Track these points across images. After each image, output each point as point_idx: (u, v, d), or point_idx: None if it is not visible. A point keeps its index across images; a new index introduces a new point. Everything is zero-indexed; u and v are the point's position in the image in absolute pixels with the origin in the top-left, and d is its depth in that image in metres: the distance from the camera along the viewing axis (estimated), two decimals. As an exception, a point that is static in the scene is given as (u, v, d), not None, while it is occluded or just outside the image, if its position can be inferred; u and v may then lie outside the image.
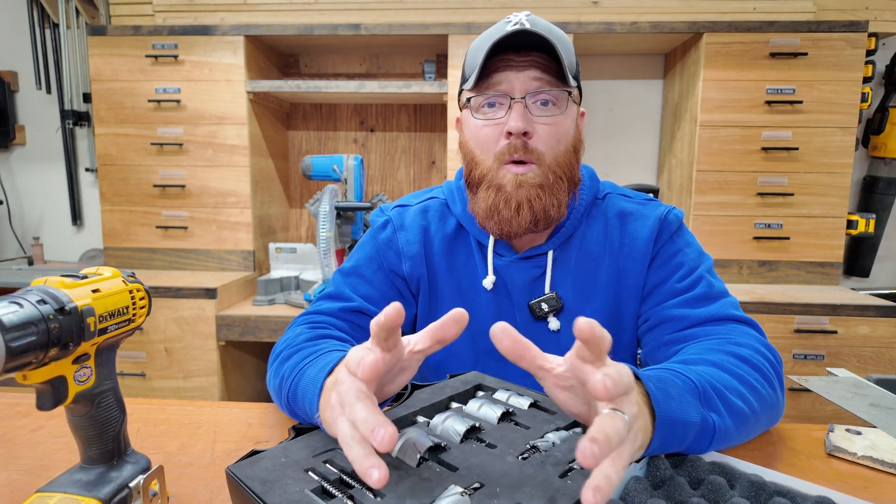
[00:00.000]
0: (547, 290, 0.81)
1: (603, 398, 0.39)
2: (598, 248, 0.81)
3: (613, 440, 0.37)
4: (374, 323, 0.44)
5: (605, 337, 0.40)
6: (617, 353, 0.82)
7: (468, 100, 0.76)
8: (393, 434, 0.39)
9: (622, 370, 0.41)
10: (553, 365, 0.46)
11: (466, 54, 0.79)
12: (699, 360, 0.63)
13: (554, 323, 0.81)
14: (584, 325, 0.39)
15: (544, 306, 0.80)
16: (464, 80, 0.79)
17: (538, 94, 0.73)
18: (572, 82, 0.74)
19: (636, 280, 0.80)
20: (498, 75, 0.73)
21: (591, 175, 0.86)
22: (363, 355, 0.44)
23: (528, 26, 0.70)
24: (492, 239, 0.82)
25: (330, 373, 0.55)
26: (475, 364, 0.84)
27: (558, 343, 0.81)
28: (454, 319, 0.48)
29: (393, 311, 0.44)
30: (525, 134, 0.72)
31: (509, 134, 0.73)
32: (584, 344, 0.40)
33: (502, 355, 0.46)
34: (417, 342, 0.50)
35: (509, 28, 0.71)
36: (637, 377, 0.52)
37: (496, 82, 0.73)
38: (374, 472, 0.38)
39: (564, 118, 0.75)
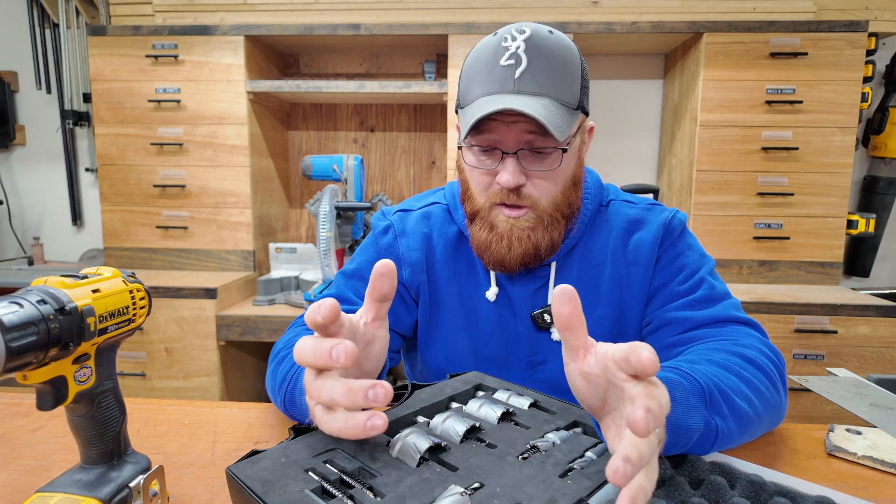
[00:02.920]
0: (550, 300, 0.80)
1: (641, 435, 0.36)
2: (601, 256, 0.81)
3: (645, 458, 0.36)
4: (312, 323, 0.45)
5: (655, 364, 0.39)
6: None
7: (464, 140, 0.73)
8: (388, 387, 0.40)
9: (664, 400, 0.39)
10: (590, 354, 0.45)
11: (461, 72, 0.75)
12: (705, 361, 0.63)
13: (556, 333, 0.81)
14: (649, 363, 0.38)
15: (547, 317, 0.80)
16: (458, 103, 0.75)
17: (530, 148, 0.70)
18: (566, 132, 0.69)
19: (640, 286, 0.79)
20: (490, 125, 0.70)
21: (596, 181, 0.85)
22: (322, 344, 0.43)
23: (523, 65, 0.66)
24: None
25: None
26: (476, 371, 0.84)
27: (560, 354, 0.81)
28: (380, 273, 0.50)
29: (328, 311, 0.44)
30: (519, 186, 0.71)
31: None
32: (636, 370, 0.39)
33: (503, 360, 0.46)
34: (365, 313, 0.52)
35: (503, 62, 0.67)
36: None
37: (488, 132, 0.70)
38: (378, 420, 0.39)
39: (561, 167, 0.72)
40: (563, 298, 0.43)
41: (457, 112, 0.78)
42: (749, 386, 0.61)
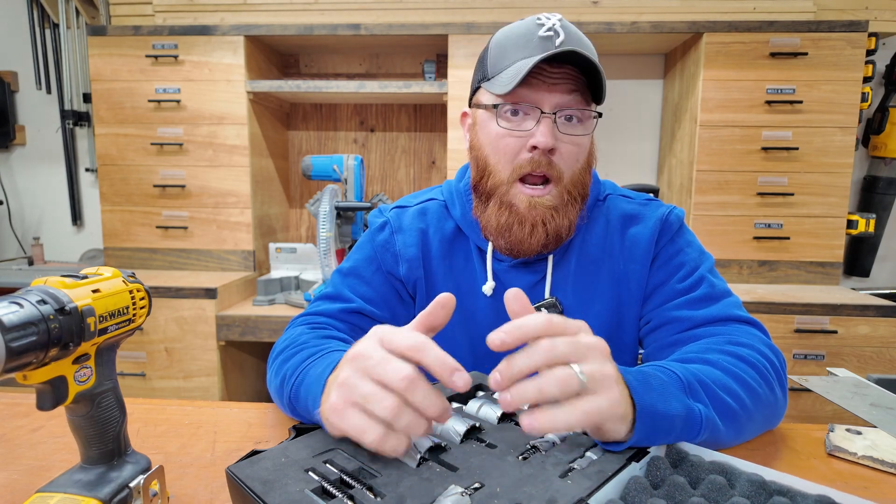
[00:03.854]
0: (547, 294, 0.80)
1: (496, 348, 0.44)
2: (599, 251, 0.81)
3: (522, 368, 0.45)
4: (440, 305, 0.50)
5: (527, 330, 0.47)
6: (618, 355, 0.82)
7: (494, 105, 0.72)
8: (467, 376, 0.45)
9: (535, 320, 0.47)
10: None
11: (489, 50, 0.75)
12: (694, 359, 0.64)
13: None
14: (492, 344, 0.46)
15: (544, 311, 0.80)
16: (483, 77, 0.75)
17: (567, 110, 0.71)
18: (601, 101, 0.72)
19: (638, 282, 0.79)
20: (530, 83, 0.69)
21: (592, 177, 0.85)
22: (449, 360, 0.46)
23: (562, 36, 0.68)
24: (491, 244, 0.81)
25: (333, 371, 0.56)
26: (474, 368, 0.84)
27: None
28: (441, 304, 0.50)
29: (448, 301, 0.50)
30: (550, 150, 0.71)
31: (534, 148, 0.70)
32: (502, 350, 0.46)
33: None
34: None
35: (542, 33, 0.69)
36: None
37: (527, 92, 0.70)
38: (459, 377, 0.44)
39: (587, 137, 0.74)
40: (511, 298, 0.50)
41: (477, 88, 0.77)
42: (737, 380, 0.61)
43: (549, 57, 0.67)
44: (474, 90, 0.79)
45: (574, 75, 0.70)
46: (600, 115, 0.74)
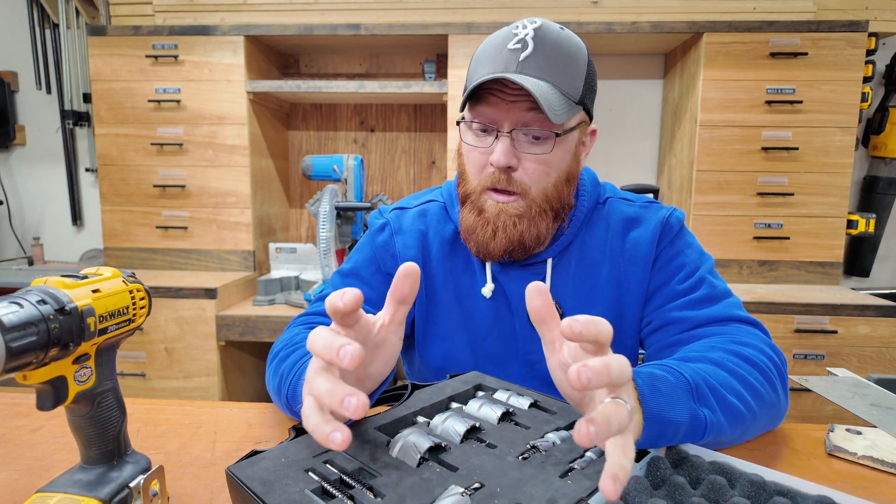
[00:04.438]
0: None
1: (576, 388, 0.37)
2: (598, 254, 0.81)
3: (613, 424, 0.37)
4: (332, 308, 0.44)
5: (601, 329, 0.40)
6: None
7: (463, 118, 0.75)
8: (365, 401, 0.38)
9: (613, 361, 0.39)
10: (565, 345, 0.47)
11: (473, 56, 0.76)
12: (699, 358, 0.64)
13: None
14: (567, 329, 0.39)
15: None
16: (465, 86, 0.77)
17: (526, 129, 0.71)
18: (562, 118, 0.69)
19: (638, 284, 0.79)
20: (490, 101, 0.70)
21: (592, 179, 0.85)
22: (335, 340, 0.41)
23: (528, 49, 0.68)
24: None
25: None
26: (474, 369, 0.84)
27: None
28: (404, 275, 0.49)
29: (352, 299, 0.44)
30: (510, 167, 0.71)
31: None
32: (576, 341, 0.40)
33: (502, 358, 0.47)
34: (383, 315, 0.52)
35: (511, 45, 0.69)
36: None
37: (486, 109, 0.71)
38: (337, 436, 0.38)
39: (554, 154, 0.72)
40: (533, 293, 0.46)
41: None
42: (743, 382, 0.61)
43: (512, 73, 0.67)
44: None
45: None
46: (558, 134, 0.71)
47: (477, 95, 0.72)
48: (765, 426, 0.65)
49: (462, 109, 0.77)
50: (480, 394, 0.64)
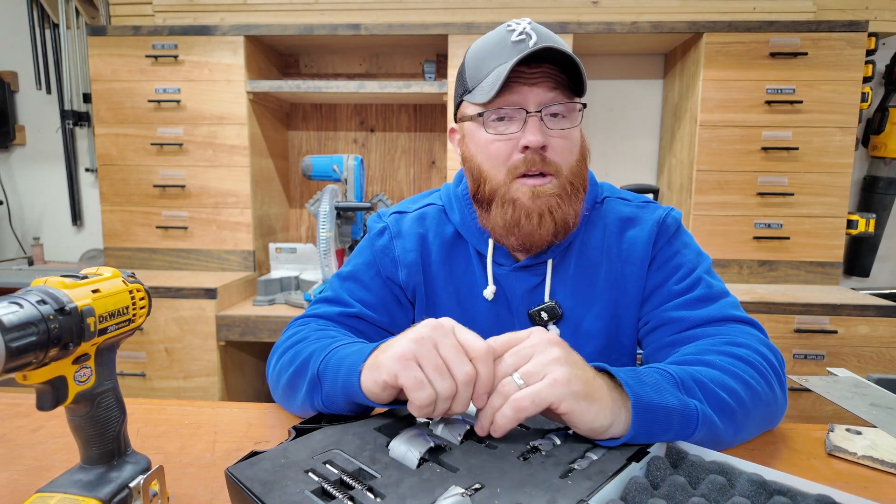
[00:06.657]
0: (546, 298, 0.80)
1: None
2: (597, 254, 0.81)
3: (506, 412, 0.49)
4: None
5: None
6: (617, 357, 0.82)
7: (479, 114, 0.74)
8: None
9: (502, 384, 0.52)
10: None
11: (466, 63, 0.76)
12: (692, 360, 0.64)
13: (553, 331, 0.80)
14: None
15: (544, 315, 0.80)
16: (464, 91, 0.76)
17: (552, 107, 0.71)
18: (583, 91, 0.72)
19: (635, 285, 0.79)
20: (510, 88, 0.70)
21: (590, 179, 0.85)
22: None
23: (533, 37, 0.70)
24: (490, 248, 0.81)
25: (383, 344, 0.58)
26: None
27: None
28: None
29: None
30: (542, 147, 0.71)
31: (525, 148, 0.71)
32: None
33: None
34: None
35: (514, 38, 0.70)
36: (610, 374, 0.55)
37: (509, 96, 0.71)
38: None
39: (576, 130, 0.74)
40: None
41: (460, 102, 0.78)
42: (733, 377, 0.61)
43: (526, 57, 0.68)
44: (458, 105, 0.80)
45: (552, 73, 0.71)
46: (585, 105, 0.74)
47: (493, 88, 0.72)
48: (763, 424, 0.65)
49: (460, 104, 0.77)
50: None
